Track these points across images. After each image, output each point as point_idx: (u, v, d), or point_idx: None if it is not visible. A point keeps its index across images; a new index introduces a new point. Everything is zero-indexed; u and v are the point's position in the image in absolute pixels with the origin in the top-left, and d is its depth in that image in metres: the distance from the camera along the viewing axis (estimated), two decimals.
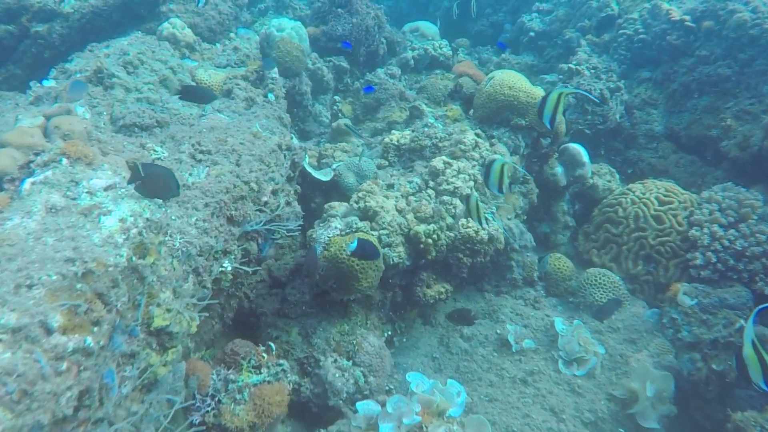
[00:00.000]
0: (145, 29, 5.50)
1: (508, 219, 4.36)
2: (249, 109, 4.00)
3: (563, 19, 7.55)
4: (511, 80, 4.33)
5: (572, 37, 6.87)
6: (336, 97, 6.08)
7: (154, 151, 3.08)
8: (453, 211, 3.83)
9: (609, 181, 4.86)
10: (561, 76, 6.42)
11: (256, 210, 3.10)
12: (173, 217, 2.50)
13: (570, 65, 6.35)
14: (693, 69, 5.66)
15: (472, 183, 4.00)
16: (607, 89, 5.70)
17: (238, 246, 2.92)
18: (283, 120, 4.04)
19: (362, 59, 6.60)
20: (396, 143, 4.28)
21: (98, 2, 5.57)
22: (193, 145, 3.22)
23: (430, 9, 9.80)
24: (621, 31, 6.42)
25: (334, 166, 4.08)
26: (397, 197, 3.80)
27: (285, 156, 3.64)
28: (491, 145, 4.30)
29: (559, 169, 4.66)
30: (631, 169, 5.67)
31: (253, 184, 3.05)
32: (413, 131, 4.36)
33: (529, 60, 7.54)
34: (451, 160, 3.98)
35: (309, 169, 3.90)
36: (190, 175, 2.87)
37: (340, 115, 5.98)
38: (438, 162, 3.93)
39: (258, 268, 3.39)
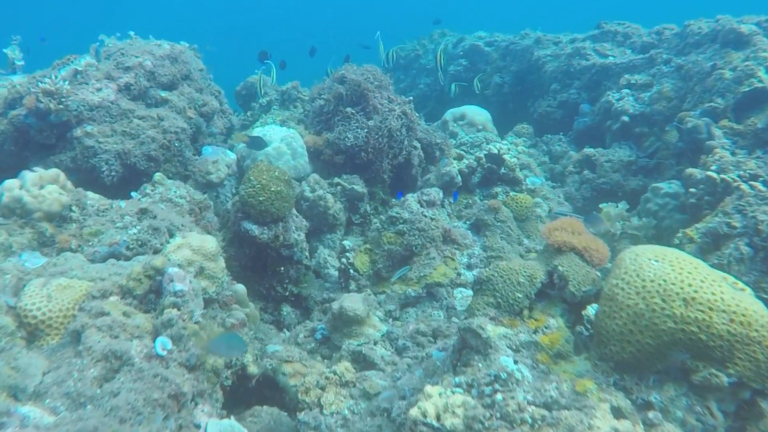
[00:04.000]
0: (52, 163, 3.47)
1: None
2: (107, 383, 1.73)
3: (671, 97, 5.05)
4: (684, 279, 1.86)
5: (698, 125, 4.35)
6: (346, 243, 3.76)
7: None
8: None
9: None
10: (695, 190, 3.89)
11: None
12: None
13: (710, 173, 3.82)
14: None
15: None
16: None
17: None
18: (178, 400, 1.73)
19: (386, 176, 4.31)
20: (434, 425, 1.86)
21: None
22: None
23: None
24: None
25: None
26: None
27: None
28: (648, 426, 1.81)
29: None
30: None
31: None
32: (468, 390, 1.91)
33: (623, 155, 5.03)
34: None
35: None
36: None
37: (351, 271, 3.64)
38: None
39: None
